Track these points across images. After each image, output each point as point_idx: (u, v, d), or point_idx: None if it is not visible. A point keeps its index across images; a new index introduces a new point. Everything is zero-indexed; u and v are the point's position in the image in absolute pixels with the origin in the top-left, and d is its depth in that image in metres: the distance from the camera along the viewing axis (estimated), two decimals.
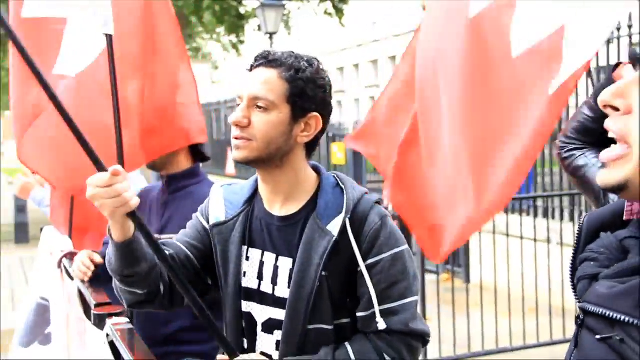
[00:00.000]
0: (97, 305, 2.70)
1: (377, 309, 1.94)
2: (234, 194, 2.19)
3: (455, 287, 7.25)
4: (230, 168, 17.03)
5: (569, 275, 1.36)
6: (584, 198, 7.94)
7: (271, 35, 16.88)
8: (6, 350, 7.20)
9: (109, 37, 2.81)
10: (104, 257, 3.09)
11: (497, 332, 6.25)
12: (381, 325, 1.93)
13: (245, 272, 2.11)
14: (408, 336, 1.94)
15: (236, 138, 2.00)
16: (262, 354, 2.07)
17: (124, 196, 1.85)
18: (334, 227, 1.95)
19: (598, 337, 1.19)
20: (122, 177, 1.86)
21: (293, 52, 2.06)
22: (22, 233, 14.81)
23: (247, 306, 2.11)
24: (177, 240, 2.21)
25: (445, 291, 7.20)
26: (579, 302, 1.28)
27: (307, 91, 1.98)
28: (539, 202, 8.19)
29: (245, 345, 2.12)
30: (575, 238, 1.36)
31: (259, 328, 2.10)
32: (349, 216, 1.95)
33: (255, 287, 2.10)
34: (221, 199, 2.19)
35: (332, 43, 56.69)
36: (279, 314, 2.03)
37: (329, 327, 1.99)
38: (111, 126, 2.91)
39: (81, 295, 3.05)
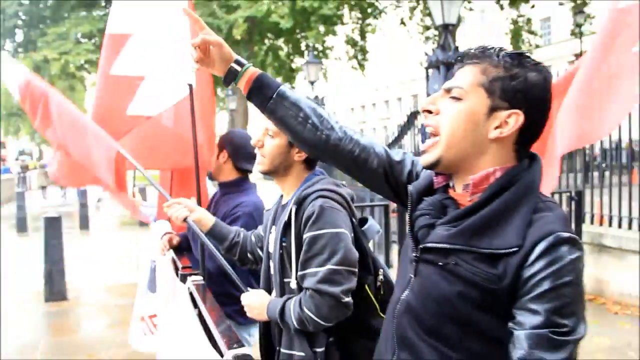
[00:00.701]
0: (182, 268, 2.73)
1: (299, 272, 1.94)
2: (278, 194, 2.26)
3: None
4: None
5: (408, 229, 1.42)
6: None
7: (312, 83, 16.89)
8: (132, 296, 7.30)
9: (191, 87, 2.82)
10: (183, 237, 3.17)
11: None
12: (292, 284, 1.96)
13: (269, 241, 2.17)
14: (316, 293, 1.86)
15: (257, 155, 2.15)
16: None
17: (177, 215, 2.41)
18: (288, 212, 1.98)
19: (440, 263, 1.30)
20: (172, 202, 2.49)
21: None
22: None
23: (270, 263, 2.16)
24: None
25: None
26: (419, 245, 1.36)
27: None
28: None
29: (272, 290, 2.17)
30: (409, 202, 1.43)
31: (272, 277, 2.16)
32: (295, 206, 1.96)
33: (272, 250, 2.13)
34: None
35: (357, 88, 56.54)
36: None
37: (293, 280, 1.97)
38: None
39: (173, 261, 3.09)
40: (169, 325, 2.93)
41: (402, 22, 20.62)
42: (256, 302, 2.05)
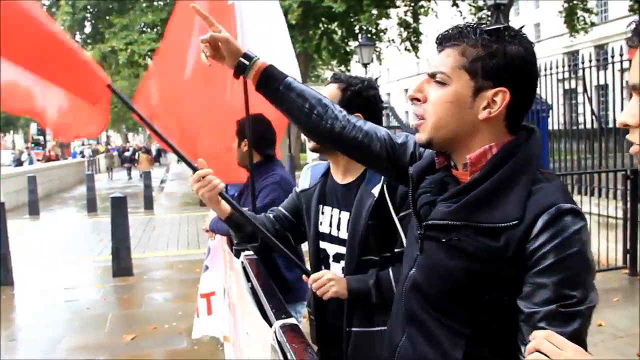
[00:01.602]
0: (236, 243, 2.77)
1: (398, 248, 1.95)
2: (316, 170, 2.24)
3: None
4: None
5: (412, 206, 1.42)
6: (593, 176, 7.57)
7: (365, 65, 16.76)
8: (192, 271, 7.51)
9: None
10: None
11: None
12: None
13: (321, 222, 2.15)
14: None
15: None
16: None
17: (212, 183, 2.01)
18: (376, 191, 1.95)
19: (443, 240, 1.29)
20: (207, 171, 2.02)
21: (357, 76, 2.13)
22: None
23: (322, 244, 2.15)
24: (280, 206, 2.35)
25: None
26: (423, 222, 1.35)
27: (353, 98, 2.02)
28: None
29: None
30: (410, 182, 1.44)
31: (331, 259, 2.12)
32: (386, 182, 1.94)
33: (327, 231, 2.12)
34: (308, 174, 2.26)
35: (410, 70, 55.65)
36: (343, 250, 2.05)
37: (376, 258, 1.99)
38: None
39: (229, 238, 3.14)
40: (233, 298, 2.99)
41: (455, 3, 20.20)
42: (337, 277, 2.02)
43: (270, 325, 1.61)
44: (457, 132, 1.29)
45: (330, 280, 1.98)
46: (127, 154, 32.62)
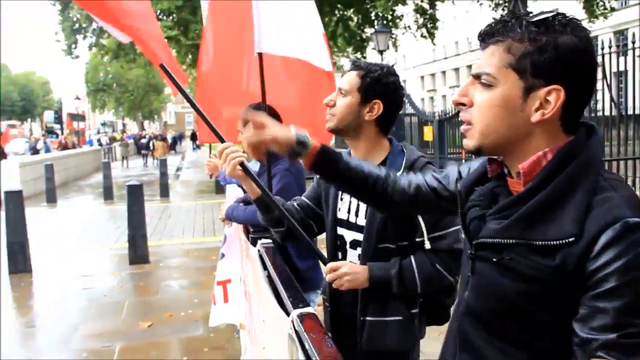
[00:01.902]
0: (253, 231, 2.76)
1: (425, 236, 1.93)
2: None
3: None
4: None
5: (461, 222, 1.33)
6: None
7: (381, 52, 16.62)
8: (208, 259, 7.54)
9: (260, 55, 2.79)
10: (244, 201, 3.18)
11: None
12: (427, 245, 1.94)
13: (339, 208, 2.13)
14: (453, 253, 1.91)
15: (327, 114, 2.09)
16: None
17: (232, 155, 2.02)
18: None
19: (494, 259, 1.19)
20: (227, 144, 2.07)
21: (376, 63, 2.09)
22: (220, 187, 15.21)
23: (340, 231, 2.13)
24: (303, 196, 2.36)
25: None
26: (474, 240, 1.25)
27: (373, 85, 1.99)
28: None
29: (340, 257, 2.15)
30: (458, 199, 1.35)
31: (348, 245, 2.11)
32: (406, 171, 1.92)
33: (345, 217, 2.11)
34: None
35: (426, 56, 55.41)
36: (360, 237, 2.04)
37: (393, 246, 1.98)
38: None
39: (245, 226, 3.13)
40: (249, 286, 2.98)
41: None
42: (357, 267, 2.00)
43: (288, 314, 1.58)
44: (509, 137, 1.17)
45: (346, 274, 1.97)
46: (143, 141, 33.30)
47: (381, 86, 2.01)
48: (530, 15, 1.13)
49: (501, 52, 1.14)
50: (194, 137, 46.02)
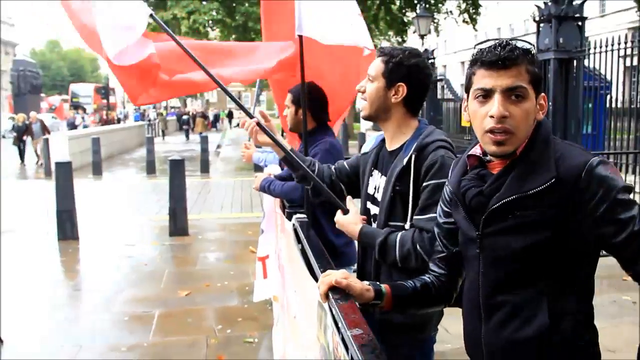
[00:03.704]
0: (289, 206, 2.85)
1: (416, 216, 1.96)
2: (377, 138, 2.28)
3: None
4: None
5: (463, 216, 1.56)
6: None
7: (422, 36, 16.44)
8: (245, 234, 7.70)
9: (300, 37, 2.85)
10: (280, 178, 3.27)
11: None
12: (407, 226, 1.99)
13: (369, 184, 2.21)
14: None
15: (359, 99, 2.19)
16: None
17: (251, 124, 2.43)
18: (406, 159, 1.98)
19: (504, 223, 1.44)
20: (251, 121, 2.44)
21: (400, 47, 2.15)
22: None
23: (368, 205, 2.22)
24: (345, 161, 2.52)
25: None
26: (482, 215, 1.48)
27: (395, 68, 2.05)
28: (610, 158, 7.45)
29: None
30: (456, 201, 1.59)
31: (371, 219, 2.19)
32: (415, 154, 1.96)
33: (372, 193, 2.19)
34: (373, 140, 2.32)
35: (468, 42, 54.29)
36: (378, 211, 2.12)
37: (402, 224, 2.01)
38: None
39: (281, 201, 3.22)
40: (282, 259, 3.07)
41: None
42: (350, 220, 2.14)
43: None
44: (526, 136, 1.46)
45: (337, 222, 2.20)
46: (185, 117, 34.76)
47: (404, 69, 2.05)
48: (526, 46, 1.45)
49: (524, 72, 1.41)
50: (230, 115, 46.45)
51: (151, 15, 2.51)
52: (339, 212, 2.21)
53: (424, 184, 1.94)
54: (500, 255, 1.46)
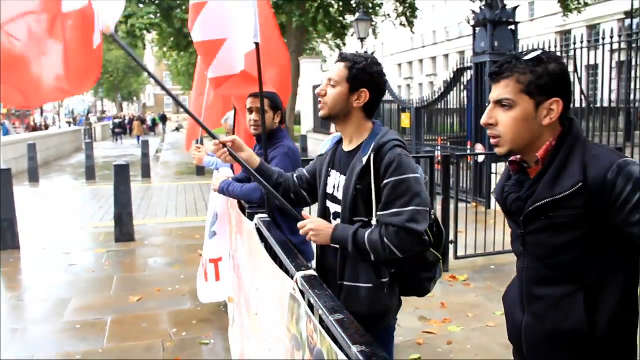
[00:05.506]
0: (249, 207, 2.91)
1: (380, 212, 2.06)
2: (333, 140, 2.40)
3: (480, 211, 7.25)
4: (332, 129, 17.18)
5: (509, 221, 1.80)
6: None
7: (362, 39, 16.72)
8: (191, 238, 7.66)
9: (257, 45, 2.93)
10: (237, 180, 3.38)
11: (504, 240, 6.18)
12: (373, 221, 2.09)
13: (327, 184, 2.31)
14: (402, 230, 1.99)
15: (319, 102, 2.26)
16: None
17: (222, 151, 2.45)
18: (365, 159, 2.09)
19: (539, 224, 1.63)
20: (218, 142, 2.46)
21: (360, 53, 2.27)
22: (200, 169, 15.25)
23: (328, 203, 2.31)
24: (304, 168, 2.58)
25: (472, 214, 7.20)
26: (519, 224, 1.70)
27: (359, 75, 2.15)
28: None
29: None
30: (502, 206, 1.80)
31: (331, 216, 2.29)
32: (373, 153, 2.07)
33: (331, 192, 2.28)
34: (329, 141, 2.44)
35: (405, 45, 55.46)
36: (340, 209, 2.21)
37: (366, 219, 2.12)
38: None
39: (239, 202, 3.28)
40: (243, 258, 3.12)
41: None
42: (322, 225, 2.20)
43: (292, 277, 1.75)
44: (530, 139, 1.64)
45: (311, 230, 2.19)
46: (116, 121, 36.37)
47: (367, 76, 2.17)
48: (524, 54, 1.64)
49: (513, 83, 1.61)
50: (163, 119, 46.66)
51: (111, 36, 2.44)
52: (313, 218, 2.26)
53: (385, 181, 2.04)
54: (540, 252, 1.65)
